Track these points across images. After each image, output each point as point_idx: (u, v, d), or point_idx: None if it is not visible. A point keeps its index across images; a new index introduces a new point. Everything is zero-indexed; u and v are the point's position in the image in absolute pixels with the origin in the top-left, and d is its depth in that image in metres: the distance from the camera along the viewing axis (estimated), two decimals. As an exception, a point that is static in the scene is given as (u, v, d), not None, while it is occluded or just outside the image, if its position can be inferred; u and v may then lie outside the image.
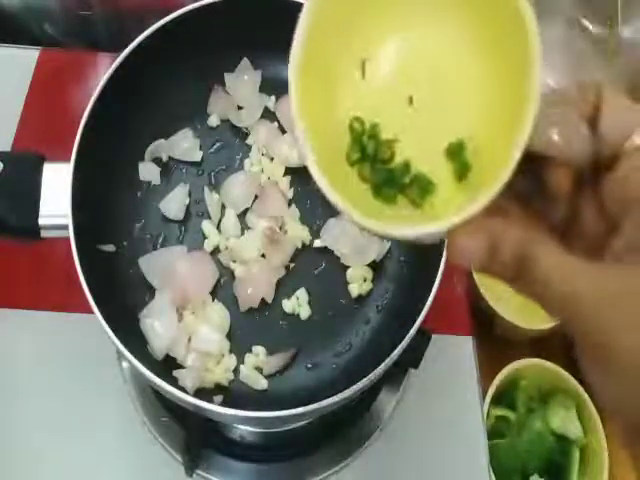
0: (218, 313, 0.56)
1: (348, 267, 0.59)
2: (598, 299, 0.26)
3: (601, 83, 0.31)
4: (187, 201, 0.60)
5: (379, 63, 0.34)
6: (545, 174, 0.31)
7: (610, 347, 0.26)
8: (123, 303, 0.55)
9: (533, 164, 0.30)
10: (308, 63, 0.31)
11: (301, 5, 0.60)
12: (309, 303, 0.57)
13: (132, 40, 0.56)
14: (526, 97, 0.28)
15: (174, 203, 0.59)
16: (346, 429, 0.66)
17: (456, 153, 0.31)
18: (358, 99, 0.33)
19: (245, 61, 0.63)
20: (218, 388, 0.54)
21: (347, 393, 0.47)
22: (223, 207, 0.60)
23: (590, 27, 0.82)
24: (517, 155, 0.27)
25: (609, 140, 0.29)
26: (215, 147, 0.63)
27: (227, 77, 0.63)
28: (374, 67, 0.34)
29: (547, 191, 0.31)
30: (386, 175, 0.32)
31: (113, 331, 0.47)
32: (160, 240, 0.59)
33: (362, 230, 0.30)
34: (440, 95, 0.33)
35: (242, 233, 0.59)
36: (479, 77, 0.32)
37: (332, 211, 0.60)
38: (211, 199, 0.59)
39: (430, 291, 0.50)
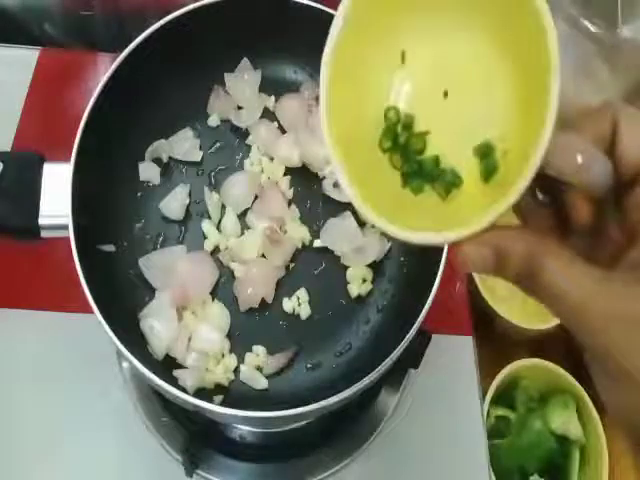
0: (218, 313, 0.56)
1: (348, 267, 0.59)
2: (603, 312, 0.27)
3: (617, 103, 0.31)
4: (187, 201, 0.60)
5: (417, 56, 0.34)
6: (567, 201, 0.31)
7: (614, 357, 0.27)
8: (123, 303, 0.55)
9: (554, 190, 0.31)
10: (345, 50, 0.32)
11: (301, 5, 0.60)
12: (309, 303, 0.57)
13: (132, 40, 0.56)
14: (546, 102, 0.28)
15: (174, 203, 0.59)
16: (346, 429, 0.66)
17: (485, 154, 0.32)
18: (394, 89, 0.34)
19: (245, 61, 0.63)
20: (218, 388, 0.54)
21: (347, 393, 0.47)
22: (223, 207, 0.60)
23: (590, 27, 0.82)
24: (536, 163, 0.27)
25: (630, 159, 0.30)
26: (215, 147, 0.63)
27: (227, 77, 0.63)
28: (412, 58, 0.34)
29: (569, 216, 0.31)
30: (416, 166, 0.33)
31: (113, 331, 0.47)
32: (160, 240, 0.59)
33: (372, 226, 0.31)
34: (473, 93, 0.33)
35: (242, 233, 0.59)
36: (506, 80, 0.32)
37: (332, 211, 0.60)
38: (211, 199, 0.59)
39: (430, 291, 0.50)
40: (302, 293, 0.57)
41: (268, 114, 0.64)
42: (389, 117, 0.33)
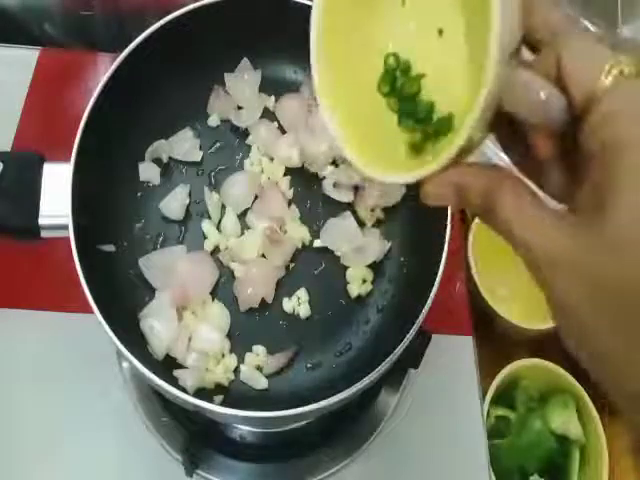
0: (218, 313, 0.56)
1: (348, 267, 0.59)
2: (548, 250, 0.27)
3: (559, 36, 0.30)
4: (187, 201, 0.60)
5: None
6: (528, 139, 0.31)
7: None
8: (123, 303, 0.55)
9: (517, 133, 0.31)
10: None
11: (301, 5, 0.60)
12: (309, 303, 0.57)
13: (132, 40, 0.56)
14: (490, 25, 0.28)
15: (174, 203, 0.59)
16: (346, 429, 0.66)
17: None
18: (393, 29, 0.35)
19: (245, 61, 0.63)
20: (218, 388, 0.54)
21: (347, 393, 0.47)
22: (223, 207, 0.60)
23: (590, 27, 0.82)
24: (482, 94, 0.27)
25: (575, 90, 0.29)
26: (215, 147, 0.63)
27: (227, 77, 0.63)
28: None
29: (535, 157, 0.31)
30: (411, 107, 0.34)
31: (113, 331, 0.47)
32: (160, 240, 0.59)
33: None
34: (462, 32, 0.33)
35: (242, 233, 0.59)
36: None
37: (332, 211, 0.60)
38: (211, 199, 0.59)
39: (430, 291, 0.50)
40: (302, 293, 0.57)
41: (268, 114, 0.64)
42: (389, 63, 0.34)
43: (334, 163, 0.62)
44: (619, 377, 0.27)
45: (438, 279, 0.51)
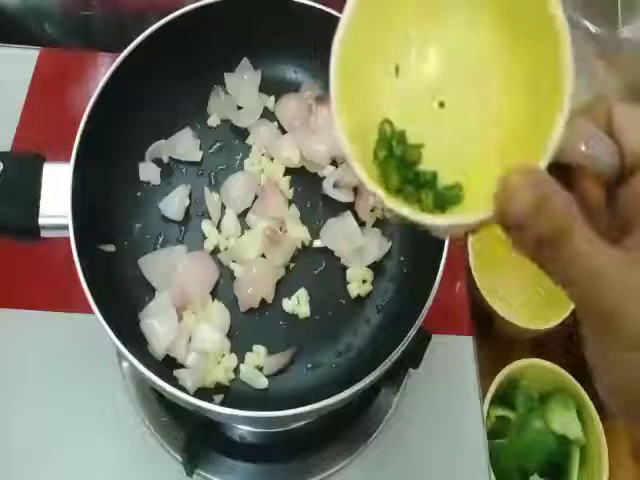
0: (218, 313, 0.56)
1: (348, 267, 0.59)
2: (620, 280, 0.27)
3: (609, 97, 0.31)
4: (187, 201, 0.60)
5: (416, 64, 0.34)
6: (580, 187, 0.31)
7: (618, 317, 0.27)
8: (123, 303, 0.55)
9: (565, 175, 0.31)
10: (346, 63, 0.32)
11: (301, 5, 0.60)
12: (309, 303, 0.57)
13: (132, 40, 0.56)
14: (557, 103, 0.28)
15: (174, 203, 0.59)
16: (346, 429, 0.66)
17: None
18: (391, 99, 0.34)
19: (245, 61, 0.63)
20: (218, 388, 0.54)
21: (347, 393, 0.47)
22: (223, 207, 0.60)
23: (590, 27, 0.82)
24: (548, 154, 0.27)
25: (625, 149, 0.30)
26: (215, 147, 0.63)
27: (227, 77, 0.63)
28: (410, 68, 0.34)
29: (581, 201, 0.31)
30: (412, 176, 0.33)
31: (113, 331, 0.47)
32: (160, 240, 0.59)
33: (390, 214, 0.31)
34: (470, 101, 0.33)
35: (242, 233, 0.59)
36: (511, 82, 0.32)
37: (332, 211, 0.60)
38: (211, 199, 0.59)
39: (430, 291, 0.50)
40: (302, 293, 0.57)
41: (268, 114, 0.64)
42: (383, 130, 0.33)
43: (334, 163, 0.62)
44: None
45: (438, 279, 0.51)
